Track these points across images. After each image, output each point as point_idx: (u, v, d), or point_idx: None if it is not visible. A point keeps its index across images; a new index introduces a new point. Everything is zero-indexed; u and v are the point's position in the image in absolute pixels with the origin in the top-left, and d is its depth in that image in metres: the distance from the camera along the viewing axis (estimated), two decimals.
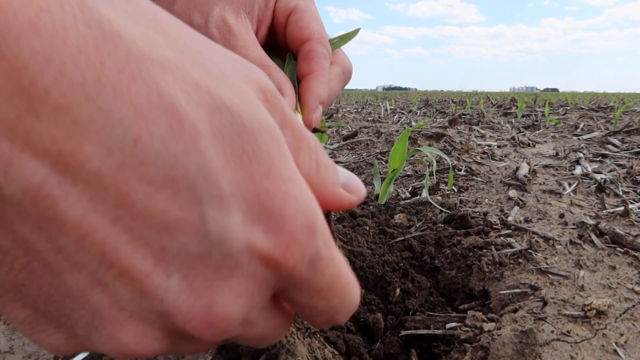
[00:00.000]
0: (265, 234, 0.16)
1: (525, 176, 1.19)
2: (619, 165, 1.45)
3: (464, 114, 3.31)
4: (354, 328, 0.61)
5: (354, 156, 1.70)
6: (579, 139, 2.10)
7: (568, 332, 0.53)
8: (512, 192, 1.09)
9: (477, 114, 3.51)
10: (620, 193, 1.07)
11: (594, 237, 0.79)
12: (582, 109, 4.45)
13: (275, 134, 0.16)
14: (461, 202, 1.05)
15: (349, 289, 0.20)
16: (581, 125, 2.65)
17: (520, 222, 0.89)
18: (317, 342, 0.51)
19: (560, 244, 0.77)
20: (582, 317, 0.55)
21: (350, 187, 0.22)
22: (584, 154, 1.58)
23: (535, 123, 2.91)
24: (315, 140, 0.20)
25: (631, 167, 1.28)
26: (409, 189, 1.18)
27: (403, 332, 0.60)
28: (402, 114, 3.73)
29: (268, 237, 0.16)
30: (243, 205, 0.15)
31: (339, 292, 0.19)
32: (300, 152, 0.19)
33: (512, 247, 0.75)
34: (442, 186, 1.18)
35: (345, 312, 0.21)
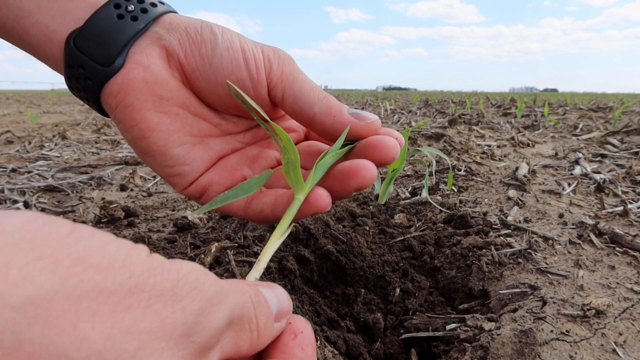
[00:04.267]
0: None
1: (524, 176, 1.20)
2: (618, 165, 1.45)
3: (464, 114, 3.32)
4: (354, 328, 0.61)
5: None
6: (578, 139, 2.11)
7: (567, 331, 0.53)
8: (512, 192, 1.09)
9: (477, 114, 3.51)
10: (620, 193, 1.07)
11: (593, 237, 0.79)
12: (582, 109, 4.46)
13: None
14: (461, 202, 1.05)
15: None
16: (580, 126, 2.66)
17: (519, 222, 0.89)
18: (317, 341, 0.51)
19: (560, 244, 0.77)
20: (581, 317, 0.56)
21: (280, 314, 0.22)
22: (583, 154, 1.58)
23: (535, 123, 2.91)
24: (255, 307, 0.20)
25: (630, 167, 1.28)
26: (409, 189, 1.18)
27: (403, 336, 0.60)
28: (402, 114, 3.73)
29: None
30: None
31: None
32: (241, 337, 0.19)
33: (511, 247, 0.75)
34: (441, 186, 1.18)
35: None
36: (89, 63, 0.30)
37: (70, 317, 0.13)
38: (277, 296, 0.23)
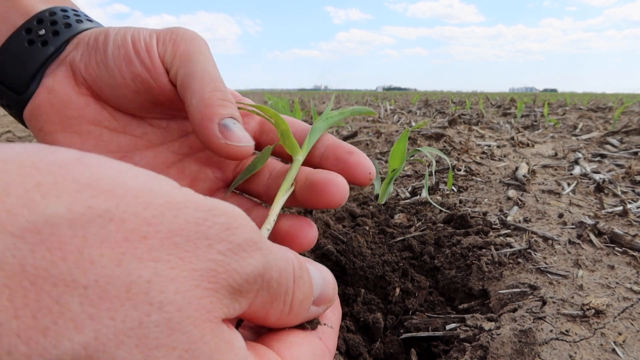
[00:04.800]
0: None
1: (524, 176, 1.20)
2: (617, 165, 1.45)
3: (464, 114, 3.32)
4: (354, 328, 0.61)
5: None
6: (577, 139, 2.11)
7: (567, 331, 0.53)
8: (512, 192, 1.09)
9: (477, 114, 3.51)
10: (619, 193, 1.08)
11: (592, 236, 0.79)
12: (581, 109, 4.46)
13: None
14: (461, 202, 1.05)
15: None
16: (580, 126, 2.66)
17: (519, 221, 0.89)
18: None
19: (559, 244, 0.78)
20: (580, 317, 0.56)
21: (322, 299, 0.21)
22: (582, 154, 1.58)
23: (535, 123, 2.91)
24: (296, 281, 0.19)
25: (629, 167, 1.29)
26: (409, 189, 1.18)
27: (403, 335, 0.60)
28: (402, 114, 3.73)
29: None
30: None
31: None
32: (273, 304, 0.18)
33: (511, 247, 0.75)
34: (441, 186, 1.18)
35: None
36: (6, 92, 0.30)
37: (76, 243, 0.12)
38: (324, 279, 0.22)
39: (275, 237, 0.28)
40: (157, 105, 0.31)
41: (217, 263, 0.15)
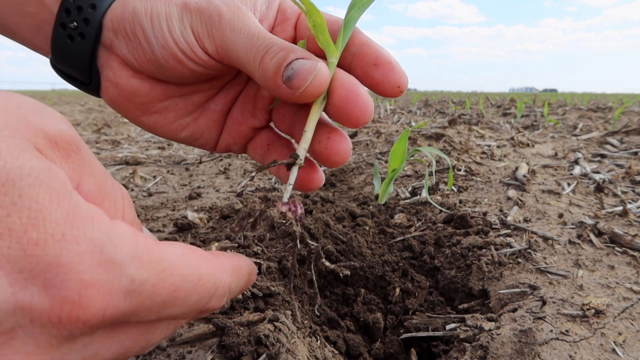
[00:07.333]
0: (42, 291, 0.14)
1: (524, 176, 1.20)
2: (617, 165, 1.45)
3: (464, 114, 3.32)
4: (354, 327, 0.61)
5: (354, 156, 1.70)
6: (577, 139, 2.11)
7: (567, 331, 0.53)
8: (512, 192, 1.09)
9: (477, 114, 3.51)
10: (619, 193, 1.08)
11: (592, 236, 0.79)
12: (581, 109, 4.46)
13: (43, 177, 0.15)
14: (461, 202, 1.05)
15: (201, 285, 0.20)
16: (580, 126, 2.66)
17: (519, 221, 0.89)
18: (317, 341, 0.51)
19: (559, 244, 0.78)
20: (581, 317, 0.56)
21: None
22: (582, 154, 1.58)
23: (535, 123, 2.91)
24: (124, 194, 0.20)
25: (629, 167, 1.29)
26: (409, 189, 1.18)
27: (403, 335, 0.60)
28: (402, 114, 3.73)
29: (45, 294, 0.14)
30: (6, 264, 0.14)
31: (189, 296, 0.19)
32: (104, 202, 0.18)
33: (511, 247, 0.75)
34: (441, 186, 1.18)
35: (215, 300, 0.22)
36: (74, 83, 0.32)
37: None
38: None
39: (322, 152, 0.31)
40: (211, 79, 0.34)
41: (37, 113, 0.18)
